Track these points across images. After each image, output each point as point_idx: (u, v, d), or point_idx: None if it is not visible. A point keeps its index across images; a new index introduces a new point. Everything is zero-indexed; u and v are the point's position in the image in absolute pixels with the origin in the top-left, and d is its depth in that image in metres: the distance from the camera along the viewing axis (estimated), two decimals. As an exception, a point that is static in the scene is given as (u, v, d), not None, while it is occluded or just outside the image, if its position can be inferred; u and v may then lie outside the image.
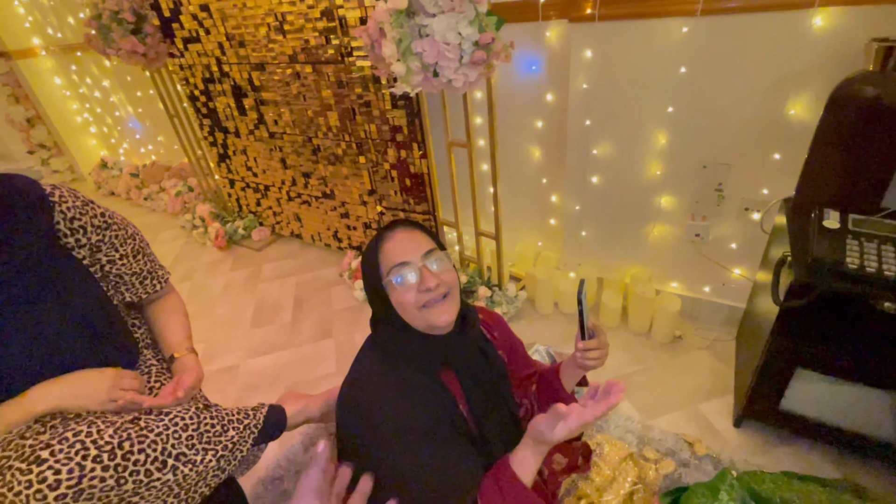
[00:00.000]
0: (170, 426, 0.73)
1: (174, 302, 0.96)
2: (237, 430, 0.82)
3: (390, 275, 0.69)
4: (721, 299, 1.51)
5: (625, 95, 1.31)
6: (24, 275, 0.69)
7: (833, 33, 1.02)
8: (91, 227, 0.78)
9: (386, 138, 1.67)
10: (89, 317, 0.77)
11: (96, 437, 0.65)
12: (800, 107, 1.13)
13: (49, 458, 0.61)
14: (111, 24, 1.96)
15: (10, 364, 0.68)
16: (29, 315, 0.69)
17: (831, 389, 1.02)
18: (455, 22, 1.09)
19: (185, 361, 0.89)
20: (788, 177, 1.16)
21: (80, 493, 0.61)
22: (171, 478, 0.71)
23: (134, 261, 0.86)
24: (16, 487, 0.59)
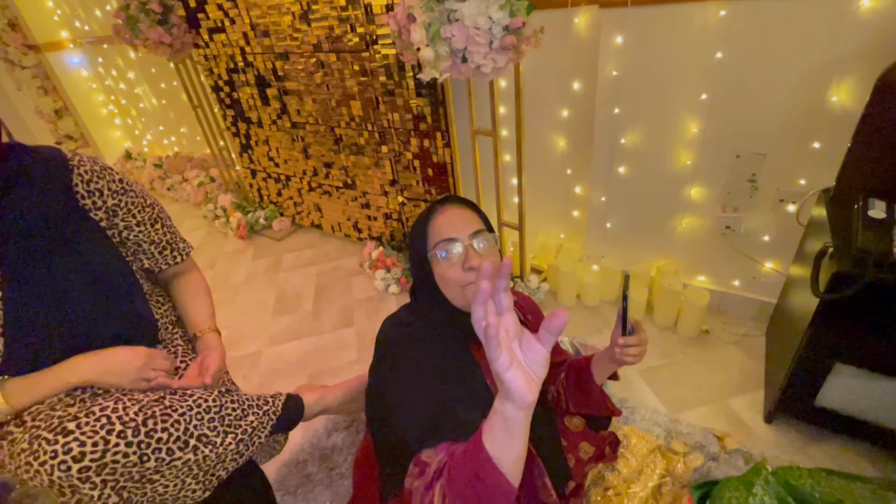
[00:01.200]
0: (193, 407, 0.74)
1: (197, 281, 0.97)
2: (256, 416, 0.83)
3: (436, 248, 0.70)
4: (751, 293, 1.47)
5: (656, 82, 1.28)
6: (41, 231, 0.71)
7: (882, 15, 0.98)
8: (108, 191, 0.80)
9: (409, 127, 1.66)
10: (105, 277, 0.78)
11: (122, 414, 0.66)
12: (843, 93, 1.08)
13: (75, 430, 0.62)
14: (139, 14, 1.99)
15: (26, 315, 0.69)
16: (44, 269, 0.71)
17: (871, 385, 0.99)
18: (486, 6, 1.07)
19: (208, 340, 0.91)
20: (827, 167, 1.12)
21: (103, 467, 0.62)
22: (192, 458, 0.71)
23: (152, 229, 0.87)
24: (41, 457, 0.60)
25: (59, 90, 3.58)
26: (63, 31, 3.40)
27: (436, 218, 0.73)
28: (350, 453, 1.23)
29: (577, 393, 0.93)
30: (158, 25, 2.00)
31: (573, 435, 0.96)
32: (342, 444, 1.26)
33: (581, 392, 0.92)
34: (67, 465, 0.60)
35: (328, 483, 1.17)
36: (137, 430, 0.65)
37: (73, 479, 0.60)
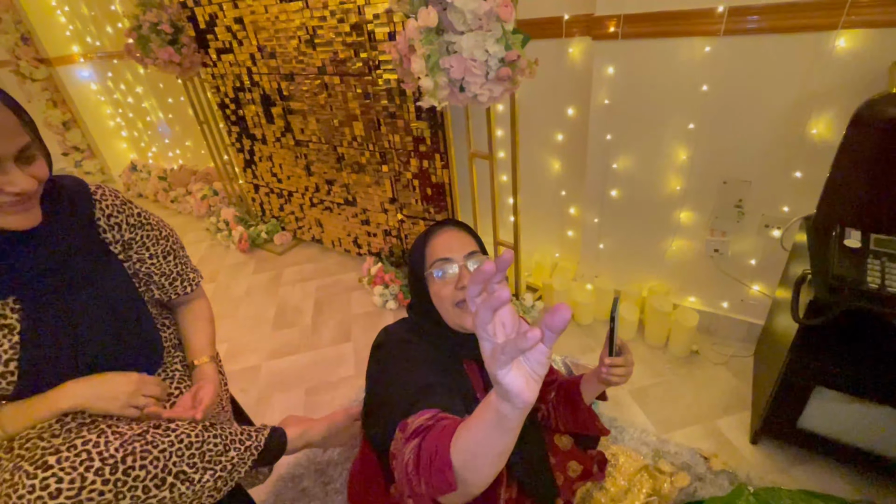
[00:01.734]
0: (175, 443, 0.73)
1: (201, 308, 0.98)
2: (238, 451, 0.82)
3: (432, 268, 0.75)
4: (739, 315, 1.51)
5: (646, 111, 1.34)
6: (64, 266, 0.73)
7: (856, 55, 1.03)
8: (126, 225, 0.82)
9: (409, 149, 1.71)
10: (119, 309, 0.80)
11: (102, 449, 0.66)
12: (822, 126, 1.14)
13: (55, 465, 0.63)
14: (150, 35, 2.06)
15: (41, 348, 0.71)
16: (65, 303, 0.73)
17: (851, 409, 1.02)
18: (482, 40, 1.13)
19: (205, 371, 0.91)
20: (809, 195, 1.17)
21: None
22: (168, 496, 0.71)
23: (164, 261, 0.89)
24: (20, 490, 0.61)
25: (68, 102, 3.66)
26: (74, 46, 3.49)
27: (434, 239, 0.78)
28: (346, 468, 1.25)
29: (566, 412, 0.96)
30: (169, 45, 2.07)
31: (562, 453, 0.99)
32: (338, 459, 1.28)
33: (570, 411, 0.96)
34: (44, 500, 0.61)
35: (323, 497, 1.19)
36: (116, 467, 0.66)
37: None
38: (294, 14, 1.70)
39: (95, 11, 3.04)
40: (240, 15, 1.87)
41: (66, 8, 3.27)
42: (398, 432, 0.59)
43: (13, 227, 0.64)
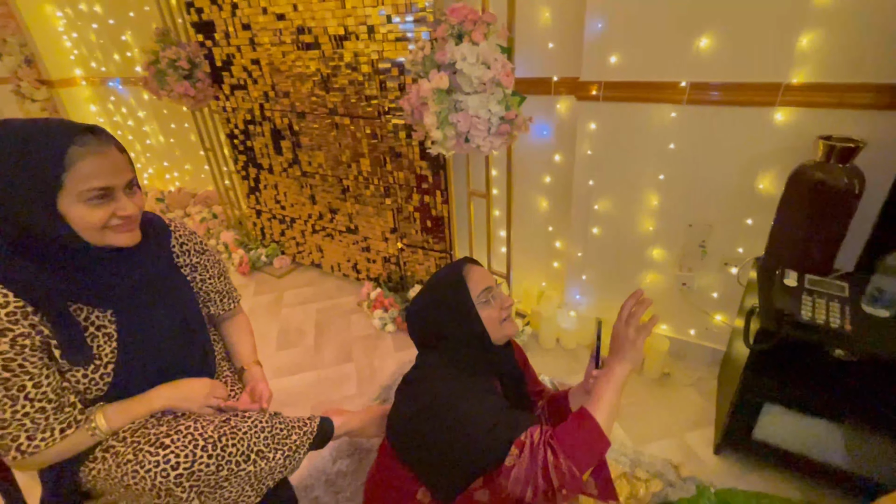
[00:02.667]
0: (252, 427, 0.89)
1: (243, 322, 1.15)
2: (298, 435, 0.98)
3: (481, 296, 0.90)
4: (705, 342, 1.70)
5: (623, 162, 1.54)
6: (150, 283, 0.87)
7: (791, 126, 1.26)
8: (193, 251, 0.99)
9: (412, 185, 1.89)
10: (188, 322, 0.95)
11: (202, 431, 0.81)
12: (767, 182, 1.36)
13: (170, 445, 0.77)
14: (167, 69, 2.20)
15: (132, 355, 0.84)
16: (148, 316, 0.87)
17: (795, 421, 1.20)
18: (486, 100, 1.32)
19: (254, 372, 1.07)
20: (759, 239, 1.38)
21: (192, 475, 0.77)
22: (252, 469, 0.86)
23: (219, 281, 1.06)
24: (146, 465, 0.75)
25: (66, 123, 3.73)
26: (77, 70, 3.59)
27: (471, 276, 0.93)
28: (354, 478, 1.36)
29: (554, 421, 1.11)
30: (185, 80, 2.22)
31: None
32: (346, 470, 1.39)
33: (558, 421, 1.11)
34: (167, 472, 0.75)
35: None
36: (215, 445, 0.80)
37: (169, 484, 0.74)
38: (310, 61, 1.88)
39: (104, 40, 3.17)
40: (257, 57, 2.04)
41: (74, 34, 3.39)
42: (514, 448, 0.75)
43: (122, 244, 0.78)
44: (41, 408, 0.75)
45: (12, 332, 0.71)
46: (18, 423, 0.74)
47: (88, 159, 0.70)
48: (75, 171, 0.69)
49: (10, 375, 0.71)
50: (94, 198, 0.72)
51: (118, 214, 0.75)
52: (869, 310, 1.08)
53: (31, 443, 0.75)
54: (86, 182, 0.70)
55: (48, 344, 0.75)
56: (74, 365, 0.78)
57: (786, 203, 1.24)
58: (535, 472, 0.72)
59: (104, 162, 0.72)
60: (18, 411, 0.73)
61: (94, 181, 0.71)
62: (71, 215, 0.71)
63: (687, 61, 1.31)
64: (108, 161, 0.73)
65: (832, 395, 1.13)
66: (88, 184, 0.70)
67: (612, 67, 1.42)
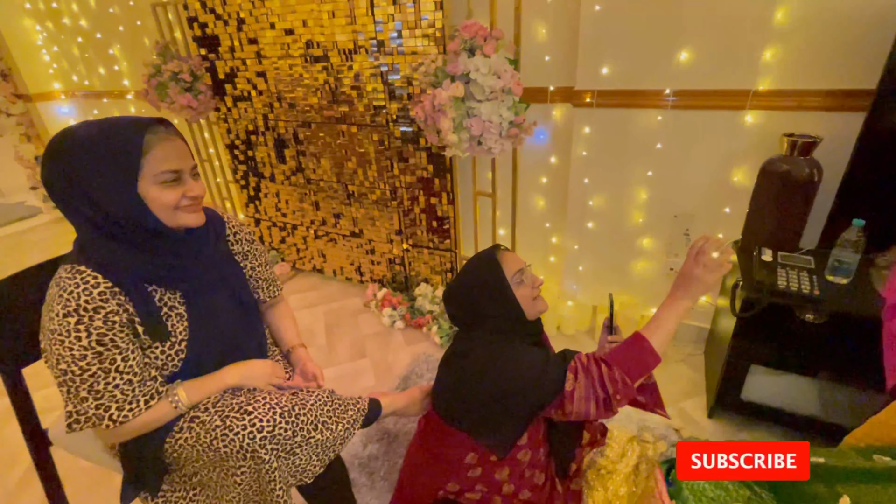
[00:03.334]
0: (317, 401, 0.97)
1: (287, 308, 1.23)
2: (354, 411, 1.06)
3: (515, 277, 1.00)
4: (692, 321, 1.89)
5: (615, 162, 1.72)
6: (212, 268, 0.96)
7: (759, 126, 1.47)
8: (245, 241, 1.08)
9: (419, 188, 2.01)
10: (244, 305, 1.03)
11: (277, 401, 0.90)
12: (741, 175, 1.56)
13: (254, 412, 0.86)
14: (169, 82, 2.25)
15: (200, 334, 0.92)
16: (211, 299, 0.95)
17: (778, 380, 1.39)
18: (497, 107, 1.47)
19: (300, 353, 1.16)
20: (737, 225, 1.58)
21: (273, 438, 0.86)
22: (319, 438, 0.95)
23: (265, 269, 1.14)
24: (235, 429, 0.84)
25: (43, 137, 3.66)
26: (56, 83, 3.54)
27: (504, 260, 1.04)
28: (386, 460, 1.45)
29: None
30: (187, 92, 2.27)
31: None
32: (377, 454, 1.48)
33: None
34: (253, 434, 0.83)
35: (371, 485, 1.38)
36: (290, 412, 0.89)
37: (255, 445, 0.82)
38: (318, 73, 1.99)
39: (90, 53, 3.16)
40: (263, 70, 2.13)
41: (54, 48, 3.35)
42: (569, 373, 0.87)
43: (191, 224, 0.86)
44: (129, 380, 0.82)
45: (104, 309, 0.78)
46: (110, 395, 0.80)
47: (161, 145, 0.80)
48: (151, 156, 0.78)
49: (103, 349, 0.79)
50: (167, 180, 0.81)
51: (188, 195, 0.84)
52: (831, 278, 1.27)
53: (120, 413, 0.82)
54: (160, 165, 0.79)
55: (133, 321, 0.83)
56: (154, 341, 0.85)
57: (758, 192, 1.44)
58: (594, 384, 0.85)
59: (174, 147, 0.82)
60: (110, 383, 0.80)
61: (167, 164, 0.80)
62: (149, 197, 0.80)
63: (669, 72, 1.51)
64: (177, 147, 0.82)
65: (805, 353, 1.32)
66: (162, 166, 0.80)
67: (604, 77, 1.60)
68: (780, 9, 1.32)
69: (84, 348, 0.76)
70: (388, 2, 1.70)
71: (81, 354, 0.76)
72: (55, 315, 0.76)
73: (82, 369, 0.77)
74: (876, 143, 1.23)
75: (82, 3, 2.95)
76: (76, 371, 0.77)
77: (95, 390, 0.79)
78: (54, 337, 0.76)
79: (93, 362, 0.77)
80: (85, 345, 0.76)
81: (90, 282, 0.77)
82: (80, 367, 0.77)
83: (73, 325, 0.76)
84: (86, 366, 0.77)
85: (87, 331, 0.76)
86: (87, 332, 0.76)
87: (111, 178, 0.77)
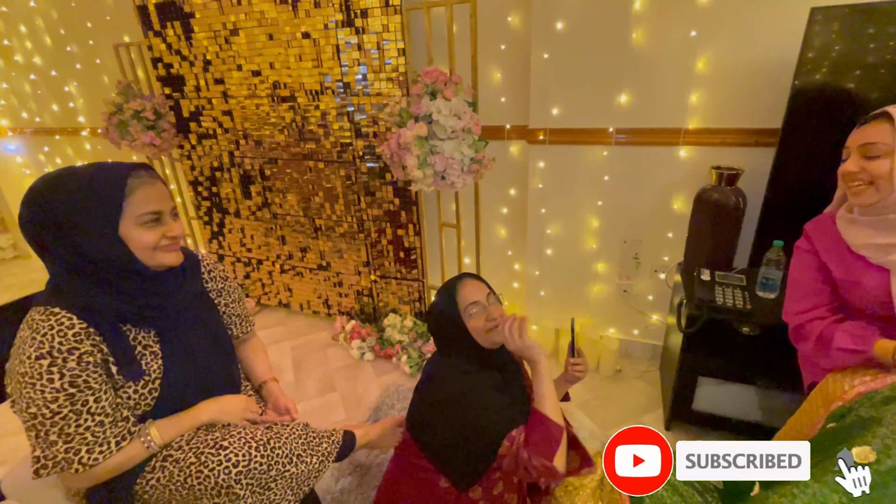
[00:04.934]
0: (291, 434, 0.99)
1: (258, 343, 1.25)
2: (328, 443, 1.07)
3: (467, 310, 1.06)
4: (646, 339, 2.02)
5: (568, 193, 1.86)
6: (187, 308, 0.97)
7: (691, 160, 1.65)
8: (219, 278, 1.10)
9: (385, 220, 2.07)
10: (220, 341, 1.05)
11: (252, 436, 0.91)
12: (679, 203, 1.73)
13: (229, 447, 0.87)
14: (130, 120, 2.25)
15: (174, 372, 0.92)
16: (186, 338, 0.96)
17: (724, 390, 1.51)
18: (459, 145, 1.58)
19: (272, 388, 1.17)
20: (678, 248, 1.73)
21: (249, 472, 0.87)
22: (295, 470, 0.96)
23: (238, 306, 1.16)
24: (210, 465, 0.84)
25: (-14, 175, 3.50)
26: (3, 120, 3.43)
27: (461, 289, 1.09)
28: (359, 494, 1.44)
29: None
30: (150, 130, 2.27)
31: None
32: (350, 487, 1.47)
33: None
34: (228, 469, 0.83)
35: (344, 518, 1.36)
36: (265, 446, 0.90)
37: (230, 481, 0.83)
38: (285, 112, 2.05)
39: (42, 90, 3.09)
40: (229, 108, 2.17)
41: (3, 85, 3.26)
42: (506, 441, 0.91)
43: (170, 263, 0.89)
44: (100, 421, 0.81)
45: (78, 350, 0.79)
46: (80, 437, 0.80)
47: (143, 188, 0.83)
48: (133, 198, 0.82)
49: (76, 391, 0.78)
50: (148, 221, 0.84)
51: (167, 235, 0.87)
52: (761, 294, 1.42)
53: (90, 455, 0.80)
54: (141, 207, 0.83)
55: (107, 361, 0.83)
56: (128, 380, 0.86)
57: (694, 218, 1.60)
58: (519, 467, 0.90)
59: (155, 191, 0.86)
60: (81, 425, 0.79)
61: (148, 206, 0.84)
62: (130, 237, 0.83)
63: (612, 112, 1.67)
64: (158, 190, 0.86)
65: (744, 363, 1.45)
66: (144, 208, 0.83)
67: (554, 117, 1.75)
68: (700, 59, 1.52)
69: (56, 390, 0.76)
70: (353, 47, 1.81)
71: (53, 397, 0.76)
72: (26, 358, 0.76)
73: (53, 412, 0.77)
74: (786, 174, 1.42)
75: (38, 41, 2.91)
76: (46, 414, 0.76)
77: (66, 433, 0.78)
78: (25, 380, 0.76)
79: (64, 404, 0.77)
80: (57, 387, 0.76)
81: (65, 323, 0.78)
82: (51, 410, 0.76)
83: (45, 367, 0.76)
84: (57, 408, 0.77)
85: (60, 373, 0.77)
86: (59, 374, 0.76)
87: (94, 220, 0.79)
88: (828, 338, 0.97)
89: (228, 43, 2.01)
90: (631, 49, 1.58)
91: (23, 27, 2.92)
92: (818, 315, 1.02)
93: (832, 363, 0.97)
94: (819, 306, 1.03)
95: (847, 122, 1.26)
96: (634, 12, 1.54)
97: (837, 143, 1.02)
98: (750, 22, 1.43)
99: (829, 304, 1.03)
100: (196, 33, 2.06)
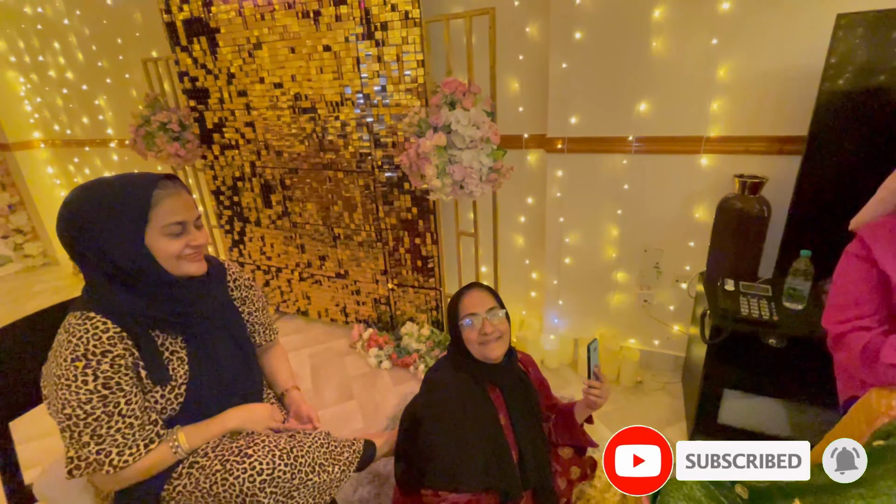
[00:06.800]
0: (314, 443, 0.99)
1: (281, 351, 1.26)
2: (349, 453, 1.07)
3: (463, 319, 1.07)
4: (668, 350, 1.98)
5: (588, 201, 1.85)
6: (212, 315, 0.99)
7: (713, 169, 1.63)
8: (244, 286, 1.12)
9: (403, 229, 2.09)
10: (243, 349, 1.06)
11: (276, 444, 0.92)
12: (702, 211, 1.70)
13: (253, 455, 0.88)
14: (157, 132, 2.32)
15: (200, 378, 0.94)
16: (211, 345, 0.98)
17: (748, 403, 1.47)
18: (477, 154, 1.59)
19: (293, 396, 1.18)
20: (701, 257, 1.70)
21: (273, 481, 0.87)
22: (317, 480, 0.96)
23: (262, 314, 1.18)
24: (235, 472, 0.85)
25: (18, 185, 3.63)
26: (36, 132, 3.56)
27: (464, 299, 1.10)
28: (377, 503, 1.44)
29: (563, 430, 1.27)
30: (175, 141, 2.34)
31: (565, 462, 1.29)
32: (368, 496, 1.46)
33: (567, 429, 1.26)
34: (253, 478, 0.84)
35: (362, 529, 1.36)
36: (289, 455, 0.90)
37: (255, 489, 0.84)
38: (306, 123, 2.09)
39: (74, 104, 3.21)
40: (251, 120, 2.22)
41: (37, 99, 3.40)
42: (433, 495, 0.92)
43: (193, 273, 0.91)
44: (130, 423, 0.83)
45: (112, 352, 0.81)
46: (112, 439, 0.81)
47: (168, 199, 0.86)
48: (159, 208, 0.85)
49: (108, 393, 0.81)
50: (172, 231, 0.86)
51: (191, 244, 0.90)
52: (788, 304, 1.39)
53: (120, 458, 0.82)
54: (166, 217, 0.85)
55: (137, 365, 0.86)
56: (156, 384, 0.88)
57: (716, 227, 1.57)
58: None
59: (180, 201, 0.88)
60: (112, 427, 0.81)
61: (173, 216, 0.86)
62: (155, 247, 0.85)
63: (631, 121, 1.67)
64: (182, 201, 0.89)
65: (772, 376, 1.41)
66: (169, 219, 0.86)
67: (572, 126, 1.75)
68: (722, 67, 1.51)
69: (90, 392, 0.78)
70: (373, 59, 1.84)
71: (87, 398, 0.78)
72: (63, 360, 0.78)
73: (87, 413, 0.79)
74: (813, 182, 1.39)
75: (70, 56, 3.03)
76: (80, 415, 0.78)
77: (97, 434, 0.80)
78: (61, 382, 0.78)
79: (97, 405, 0.79)
80: (91, 388, 0.78)
81: (99, 327, 0.80)
82: (85, 411, 0.78)
83: (80, 369, 0.78)
84: (90, 409, 0.79)
85: (94, 374, 0.79)
86: (93, 375, 0.79)
87: (121, 229, 0.82)
88: (874, 350, 0.92)
89: (252, 56, 2.07)
90: (650, 57, 1.58)
91: (56, 44, 3.05)
92: (863, 325, 0.97)
93: (877, 379, 0.93)
94: (864, 316, 0.98)
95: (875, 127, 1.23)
96: (654, 21, 1.54)
97: (865, 150, 1.00)
98: (772, 29, 1.42)
99: (876, 315, 0.97)
100: (221, 48, 2.12)
